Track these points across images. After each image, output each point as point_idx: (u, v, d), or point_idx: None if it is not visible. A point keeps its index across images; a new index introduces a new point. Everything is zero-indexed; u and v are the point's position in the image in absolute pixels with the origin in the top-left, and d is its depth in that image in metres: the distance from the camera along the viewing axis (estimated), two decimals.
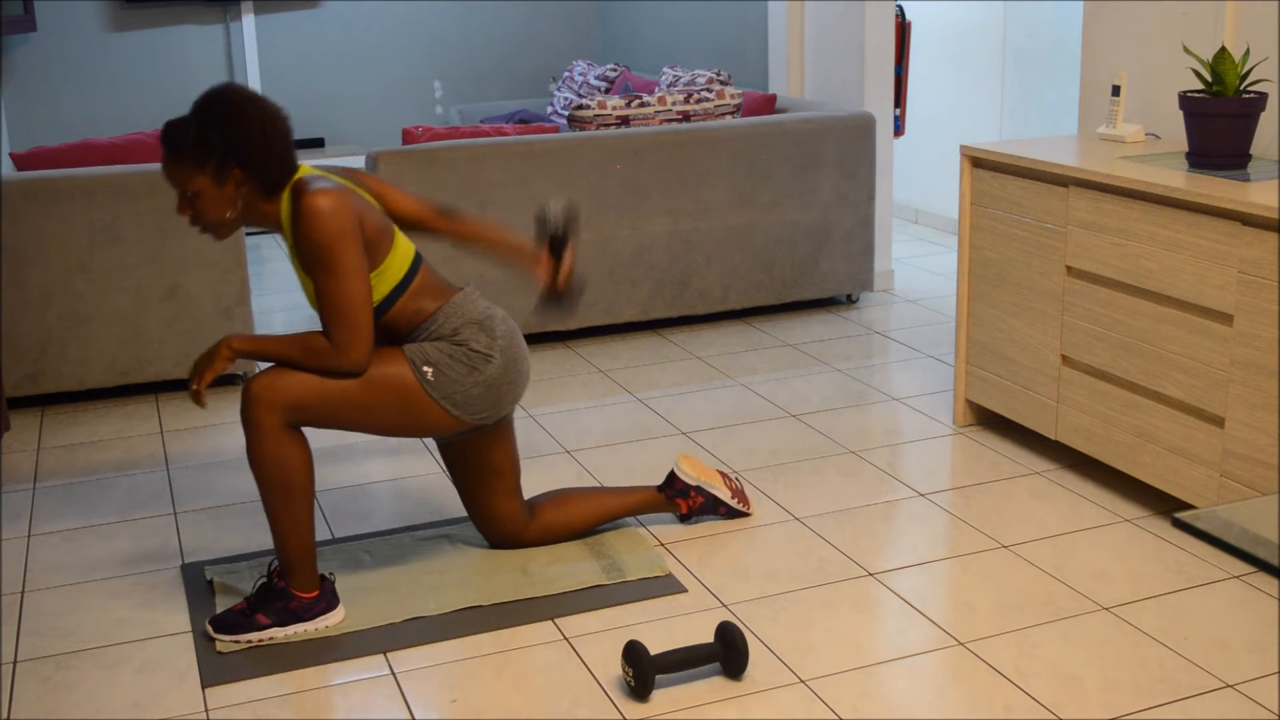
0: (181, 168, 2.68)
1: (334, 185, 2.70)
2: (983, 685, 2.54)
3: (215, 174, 2.67)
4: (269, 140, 2.68)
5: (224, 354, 2.71)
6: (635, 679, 2.50)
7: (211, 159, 2.66)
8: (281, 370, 2.70)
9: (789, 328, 4.98)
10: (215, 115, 2.68)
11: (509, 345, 2.88)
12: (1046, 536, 3.17)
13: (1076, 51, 5.50)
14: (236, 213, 2.73)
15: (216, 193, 2.69)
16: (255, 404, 2.67)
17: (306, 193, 2.66)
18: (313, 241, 2.65)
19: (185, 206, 2.72)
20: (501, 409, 2.90)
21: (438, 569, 3.06)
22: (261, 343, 2.73)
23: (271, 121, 2.70)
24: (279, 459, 2.70)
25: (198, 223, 2.74)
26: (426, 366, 2.78)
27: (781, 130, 4.95)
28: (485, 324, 2.86)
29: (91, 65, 7.27)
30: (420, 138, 4.71)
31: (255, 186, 2.71)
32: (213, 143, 2.66)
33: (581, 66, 6.84)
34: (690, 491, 3.25)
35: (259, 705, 2.56)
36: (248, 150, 2.66)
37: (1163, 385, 3.16)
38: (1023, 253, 3.57)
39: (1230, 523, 1.62)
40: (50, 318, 4.19)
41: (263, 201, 2.74)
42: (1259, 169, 3.18)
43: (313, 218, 2.64)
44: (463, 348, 2.81)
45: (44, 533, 3.38)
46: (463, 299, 2.87)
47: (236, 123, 2.66)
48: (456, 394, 2.81)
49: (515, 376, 2.89)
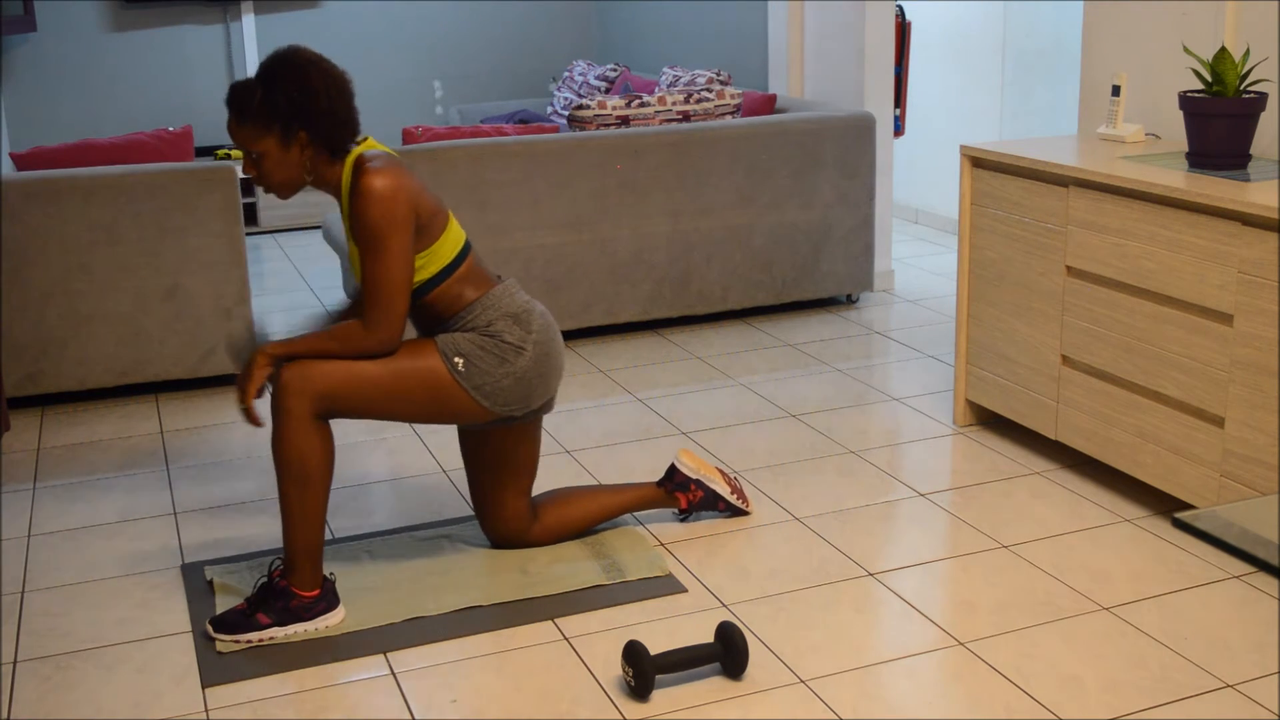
0: (247, 129, 2.72)
1: (396, 166, 2.74)
2: (983, 685, 2.54)
3: (281, 136, 2.72)
4: (334, 104, 2.73)
5: (260, 363, 2.75)
6: (635, 679, 2.50)
7: (277, 121, 2.71)
8: (313, 360, 2.73)
9: (789, 328, 4.98)
10: (281, 78, 2.71)
11: (543, 339, 2.90)
12: (1046, 536, 3.17)
13: (1076, 51, 5.50)
14: (303, 174, 2.78)
15: (282, 155, 2.74)
16: (286, 392, 2.70)
17: (367, 170, 2.71)
18: (366, 222, 2.70)
19: (251, 166, 2.77)
20: (531, 402, 2.91)
21: (438, 569, 3.06)
22: (294, 344, 2.77)
23: (336, 85, 2.75)
24: (301, 448, 2.72)
25: (262, 182, 2.79)
26: (458, 358, 2.81)
27: (781, 130, 4.95)
28: (521, 317, 2.88)
29: (91, 65, 7.27)
30: (420, 138, 4.71)
31: (320, 149, 2.76)
32: (279, 105, 2.70)
33: (581, 66, 6.84)
34: (690, 485, 3.25)
35: (259, 705, 2.56)
36: (313, 113, 2.71)
37: (1163, 385, 3.16)
38: (1023, 253, 3.56)
39: (1230, 523, 1.62)
40: (50, 318, 4.19)
41: (326, 165, 2.79)
42: (1259, 169, 3.18)
43: (369, 198, 2.68)
44: (494, 340, 2.84)
45: (44, 533, 3.38)
46: (502, 291, 2.89)
47: (302, 85, 2.70)
48: (486, 385, 2.83)
49: (546, 370, 2.91)
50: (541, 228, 4.69)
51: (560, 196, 4.70)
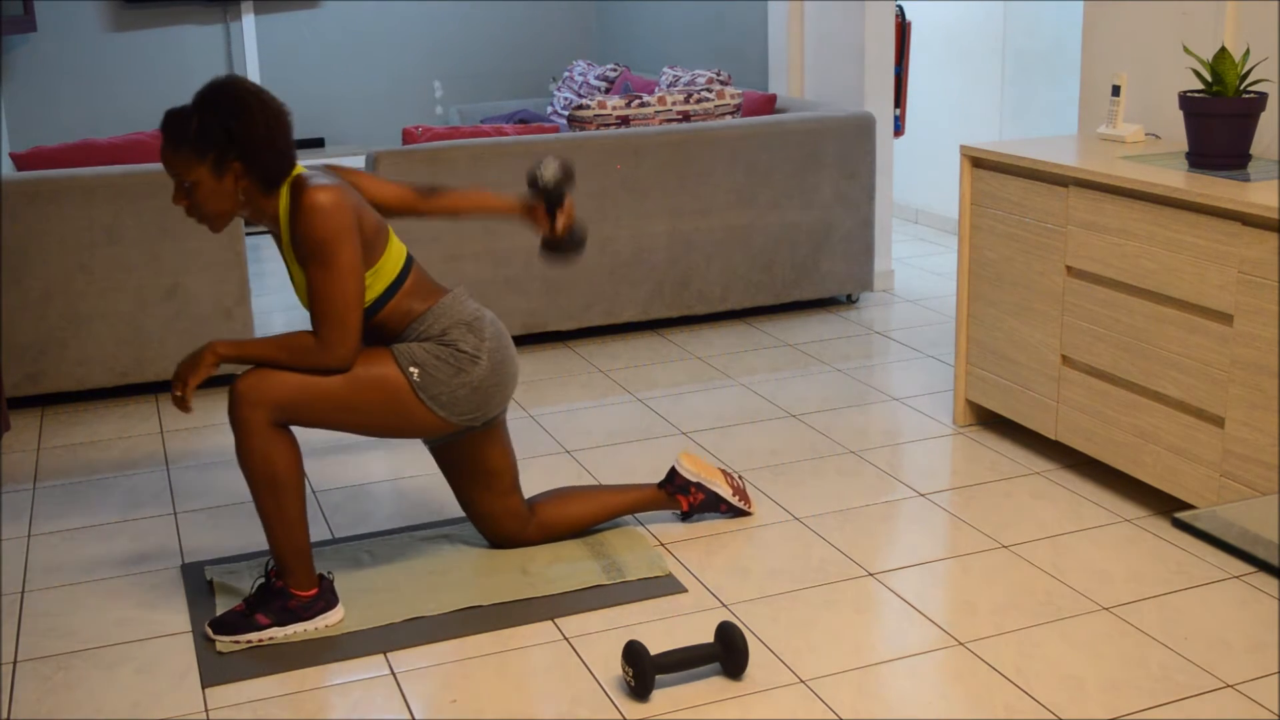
0: (181, 157, 2.66)
1: (335, 182, 2.70)
2: (983, 685, 2.54)
3: (215, 165, 2.66)
4: (272, 135, 2.67)
5: (208, 359, 2.70)
6: (635, 679, 2.50)
7: (212, 150, 2.65)
8: (268, 370, 2.70)
9: (789, 328, 4.98)
10: (218, 106, 2.66)
11: (496, 347, 2.88)
12: (1046, 536, 3.17)
13: (1076, 51, 5.50)
14: (235, 205, 2.72)
15: (215, 184, 2.68)
16: (241, 403, 2.67)
17: (308, 188, 2.66)
18: (312, 238, 2.65)
19: (181, 197, 2.70)
20: (489, 411, 2.90)
21: (438, 569, 3.06)
22: (245, 346, 2.72)
23: (274, 116, 2.69)
24: (266, 456, 2.69)
25: (193, 213, 2.72)
26: (413, 368, 2.78)
27: (781, 130, 4.95)
28: (474, 325, 2.86)
29: (91, 65, 7.27)
30: (420, 138, 4.71)
31: (254, 181, 2.70)
32: (214, 134, 2.64)
33: (581, 66, 6.84)
34: (690, 487, 3.25)
35: (259, 705, 2.56)
36: (249, 144, 2.65)
37: (1163, 385, 3.16)
38: (1023, 253, 3.57)
39: (1230, 523, 1.62)
40: (50, 318, 4.19)
41: (260, 196, 2.72)
42: (1259, 169, 3.18)
43: (314, 214, 2.63)
44: (450, 349, 2.81)
45: (44, 533, 3.38)
46: (452, 300, 2.87)
47: (239, 115, 2.65)
48: (443, 395, 2.81)
49: (502, 379, 2.89)
50: None
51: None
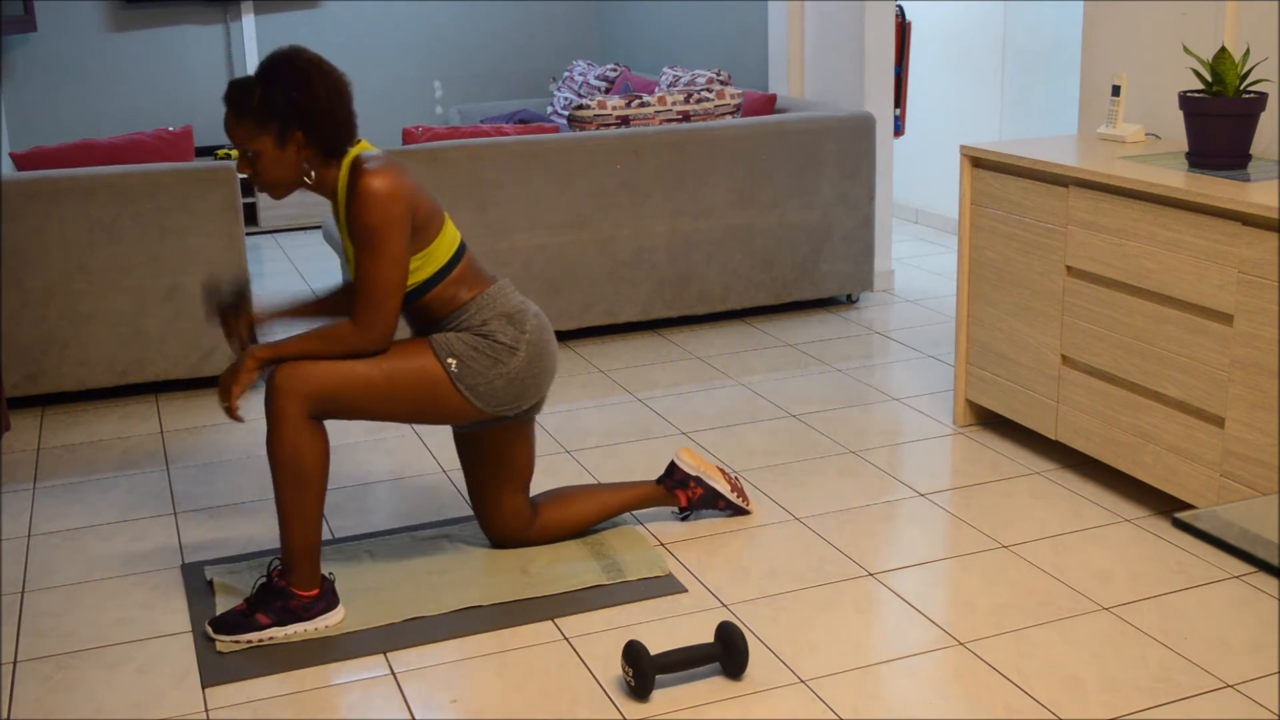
0: (244, 127, 2.71)
1: (393, 166, 2.74)
2: (983, 685, 2.54)
3: (277, 135, 2.71)
4: (333, 105, 2.72)
5: (249, 366, 2.75)
6: (635, 679, 2.50)
7: (275, 120, 2.70)
8: (306, 361, 2.73)
9: (789, 328, 4.98)
10: (281, 77, 2.70)
11: (536, 340, 2.90)
12: (1046, 536, 3.17)
13: (1076, 51, 5.50)
14: (298, 174, 2.77)
15: (277, 154, 2.73)
16: (278, 393, 2.70)
17: (365, 171, 2.70)
18: (363, 222, 2.69)
19: (245, 165, 2.76)
20: (524, 402, 2.92)
21: (438, 569, 3.06)
22: (282, 346, 2.76)
23: (336, 86, 2.74)
24: (297, 449, 2.71)
25: (256, 181, 2.77)
26: (451, 358, 2.81)
27: (781, 130, 4.95)
28: (515, 317, 2.88)
29: (91, 65, 7.27)
30: (420, 138, 4.71)
31: (316, 150, 2.75)
32: (277, 105, 2.69)
33: (581, 66, 6.84)
34: (689, 482, 3.25)
35: (259, 705, 2.56)
36: (311, 114, 2.70)
37: (1163, 385, 3.16)
38: (1023, 253, 3.56)
39: (1230, 523, 1.62)
40: (50, 318, 4.19)
41: (321, 166, 2.77)
42: (1259, 169, 3.18)
43: (367, 199, 2.68)
44: (488, 340, 2.84)
45: (44, 533, 3.38)
46: (496, 291, 2.89)
47: (301, 86, 2.69)
48: (480, 385, 2.83)
49: (539, 371, 2.91)
50: (541, 228, 4.69)
51: (560, 196, 4.70)
